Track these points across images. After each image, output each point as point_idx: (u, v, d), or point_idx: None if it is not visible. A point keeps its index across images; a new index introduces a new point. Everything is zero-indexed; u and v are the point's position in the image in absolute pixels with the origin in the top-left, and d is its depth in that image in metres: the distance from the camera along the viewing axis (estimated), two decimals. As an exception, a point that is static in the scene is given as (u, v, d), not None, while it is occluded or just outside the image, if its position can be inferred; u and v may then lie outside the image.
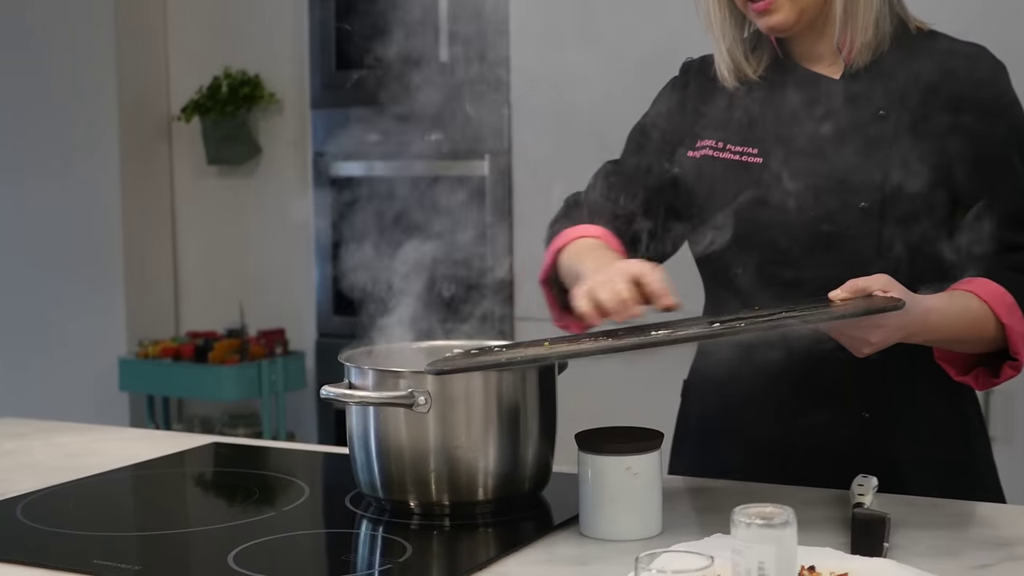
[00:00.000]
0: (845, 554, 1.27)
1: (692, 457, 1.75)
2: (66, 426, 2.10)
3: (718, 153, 1.65)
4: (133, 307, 4.86)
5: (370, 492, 1.53)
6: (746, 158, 1.63)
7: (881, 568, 1.23)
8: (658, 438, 1.43)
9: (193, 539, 1.48)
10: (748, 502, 1.11)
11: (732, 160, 1.64)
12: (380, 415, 1.49)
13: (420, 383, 1.46)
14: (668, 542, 1.36)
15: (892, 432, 1.62)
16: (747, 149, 1.63)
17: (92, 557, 1.35)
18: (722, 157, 1.64)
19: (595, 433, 1.45)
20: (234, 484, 1.75)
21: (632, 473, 1.40)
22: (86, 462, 1.82)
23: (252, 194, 4.90)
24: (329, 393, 1.49)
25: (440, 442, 1.46)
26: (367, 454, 1.51)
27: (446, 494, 1.48)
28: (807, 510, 1.46)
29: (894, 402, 1.62)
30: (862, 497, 1.46)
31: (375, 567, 1.36)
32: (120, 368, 4.68)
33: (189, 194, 5.02)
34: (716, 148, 1.65)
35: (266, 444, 2.00)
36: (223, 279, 4.98)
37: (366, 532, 1.49)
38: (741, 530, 1.06)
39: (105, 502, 1.65)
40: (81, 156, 4.84)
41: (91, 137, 4.81)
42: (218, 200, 4.96)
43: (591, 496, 1.42)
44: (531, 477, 1.52)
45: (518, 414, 1.50)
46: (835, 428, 1.62)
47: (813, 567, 1.22)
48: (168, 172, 5.02)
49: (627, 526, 1.41)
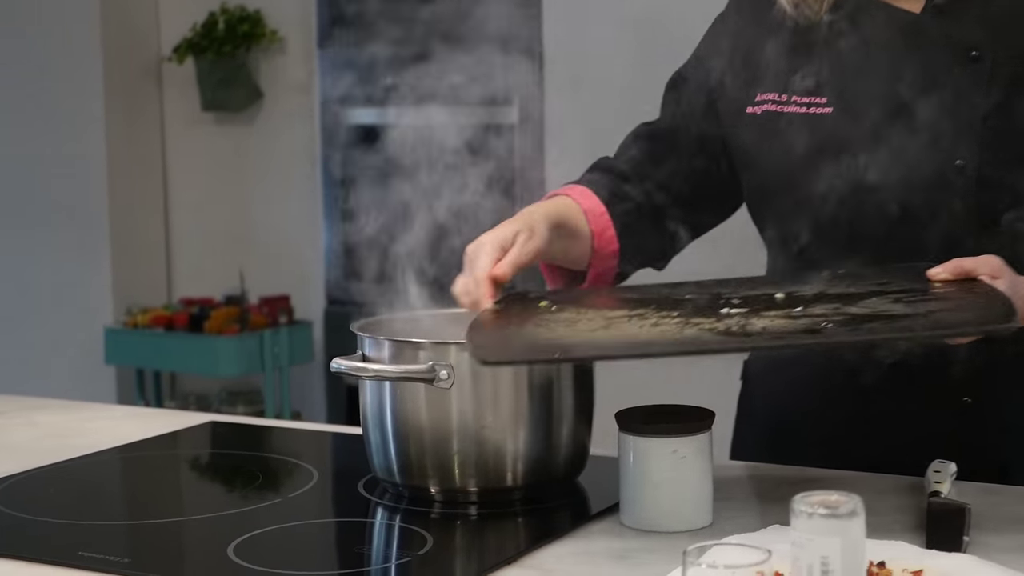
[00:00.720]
0: (919, 549, 1.27)
1: (757, 443, 1.75)
2: (47, 403, 2.11)
3: (781, 107, 1.61)
4: (120, 271, 4.89)
5: (386, 477, 1.54)
6: (814, 109, 1.59)
7: (960, 565, 1.23)
8: (709, 418, 1.43)
9: (188, 529, 1.49)
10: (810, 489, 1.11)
11: (798, 114, 1.60)
12: (397, 391, 1.49)
13: (442, 355, 1.46)
14: (719, 534, 1.36)
15: (998, 420, 1.60)
16: (815, 100, 1.60)
17: (76, 548, 1.37)
18: (787, 111, 1.61)
19: (638, 412, 1.45)
20: (234, 468, 1.76)
21: (679, 456, 1.41)
22: (69, 443, 1.83)
23: (253, 144, 4.91)
24: (340, 367, 1.50)
25: (465, 421, 1.47)
26: (383, 435, 1.52)
27: (471, 480, 1.49)
28: (877, 499, 1.46)
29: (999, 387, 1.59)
30: (939, 485, 1.46)
31: (391, 560, 1.37)
32: (106, 339, 4.72)
33: (182, 144, 5.03)
34: (779, 101, 1.62)
35: (269, 423, 2.01)
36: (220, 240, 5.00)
37: (381, 521, 1.50)
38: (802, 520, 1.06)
39: (90, 487, 1.66)
40: (60, 102, 4.85)
41: (71, 81, 4.82)
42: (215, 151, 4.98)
43: (633, 482, 1.43)
44: (566, 461, 1.53)
45: (552, 390, 1.50)
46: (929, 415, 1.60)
47: (883, 563, 1.22)
48: (158, 120, 5.03)
49: (674, 516, 1.41)
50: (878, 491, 1.51)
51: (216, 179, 4.98)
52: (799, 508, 1.06)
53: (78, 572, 1.31)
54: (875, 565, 1.21)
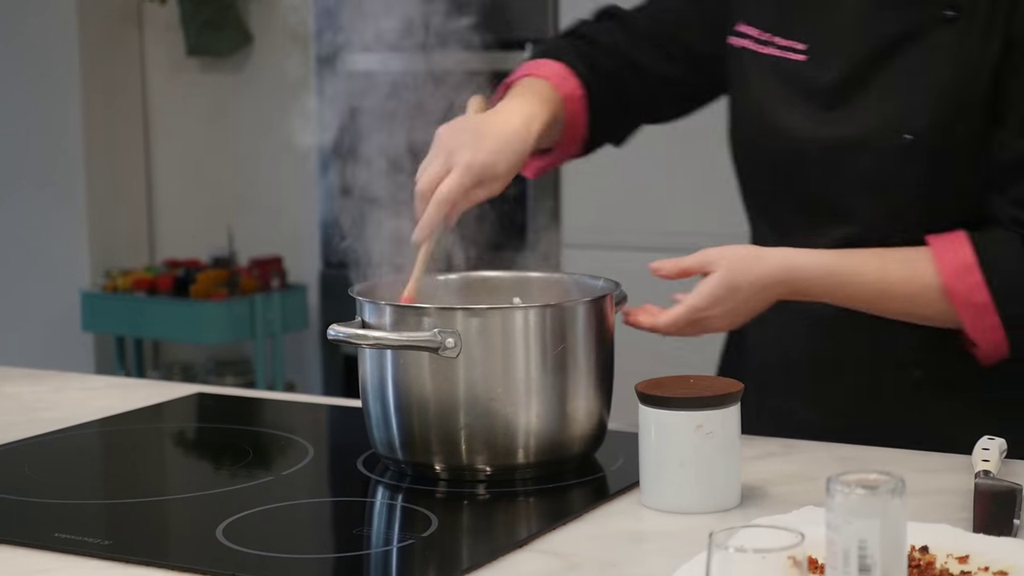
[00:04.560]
0: (966, 532, 1.27)
1: None
2: (19, 372, 2.12)
3: (760, 47, 1.71)
4: (98, 230, 4.89)
5: (387, 453, 1.54)
6: (789, 54, 1.68)
7: (1011, 551, 1.23)
8: (737, 390, 1.44)
9: (174, 508, 1.50)
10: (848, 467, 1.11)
11: (774, 57, 1.69)
12: (400, 361, 1.50)
13: (448, 321, 1.46)
14: (748, 516, 1.37)
15: None
16: (794, 44, 1.68)
17: (52, 530, 1.37)
18: (764, 52, 1.70)
19: (660, 383, 1.45)
20: (222, 443, 1.77)
21: (705, 432, 1.41)
22: (43, 416, 1.84)
23: (241, 92, 4.91)
24: (338, 334, 1.50)
25: (473, 393, 1.47)
26: (383, 408, 1.52)
27: (479, 456, 1.49)
28: (920, 478, 1.46)
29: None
30: (987, 464, 1.46)
31: (393, 543, 1.38)
32: (83, 304, 4.72)
33: (165, 92, 5.03)
34: (759, 41, 1.71)
35: (260, 395, 2.01)
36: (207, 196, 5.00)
37: (382, 501, 1.51)
38: (838, 501, 1.06)
39: (67, 464, 1.67)
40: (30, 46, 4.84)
41: (42, 24, 4.81)
42: (200, 100, 4.97)
43: (655, 460, 1.43)
44: (582, 437, 1.53)
45: (567, 360, 1.50)
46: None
47: (926, 547, 1.22)
48: (139, 65, 5.02)
49: (698, 496, 1.42)
50: (921, 469, 1.51)
51: (202, 130, 4.97)
52: (835, 487, 1.07)
53: (54, 555, 1.32)
54: (917, 550, 1.22)
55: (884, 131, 1.62)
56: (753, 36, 1.72)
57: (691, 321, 1.59)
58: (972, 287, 1.57)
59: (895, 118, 1.61)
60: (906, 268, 1.60)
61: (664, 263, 1.61)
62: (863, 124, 1.63)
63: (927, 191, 1.62)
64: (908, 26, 1.62)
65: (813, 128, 1.66)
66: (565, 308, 1.51)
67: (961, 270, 1.57)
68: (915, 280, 1.59)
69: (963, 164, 1.61)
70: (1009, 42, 1.58)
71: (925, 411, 1.68)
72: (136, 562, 1.29)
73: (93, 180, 4.85)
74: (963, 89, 1.59)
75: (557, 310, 1.50)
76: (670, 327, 1.60)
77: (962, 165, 1.61)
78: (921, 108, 1.60)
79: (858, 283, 1.60)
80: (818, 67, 1.66)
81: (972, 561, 1.21)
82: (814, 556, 1.17)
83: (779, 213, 1.73)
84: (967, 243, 1.59)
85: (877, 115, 1.63)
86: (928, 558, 1.21)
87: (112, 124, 4.91)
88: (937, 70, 1.60)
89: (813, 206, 1.68)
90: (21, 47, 4.85)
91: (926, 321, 1.62)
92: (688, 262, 1.60)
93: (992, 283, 1.57)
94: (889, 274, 1.60)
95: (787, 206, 1.71)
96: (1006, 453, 1.51)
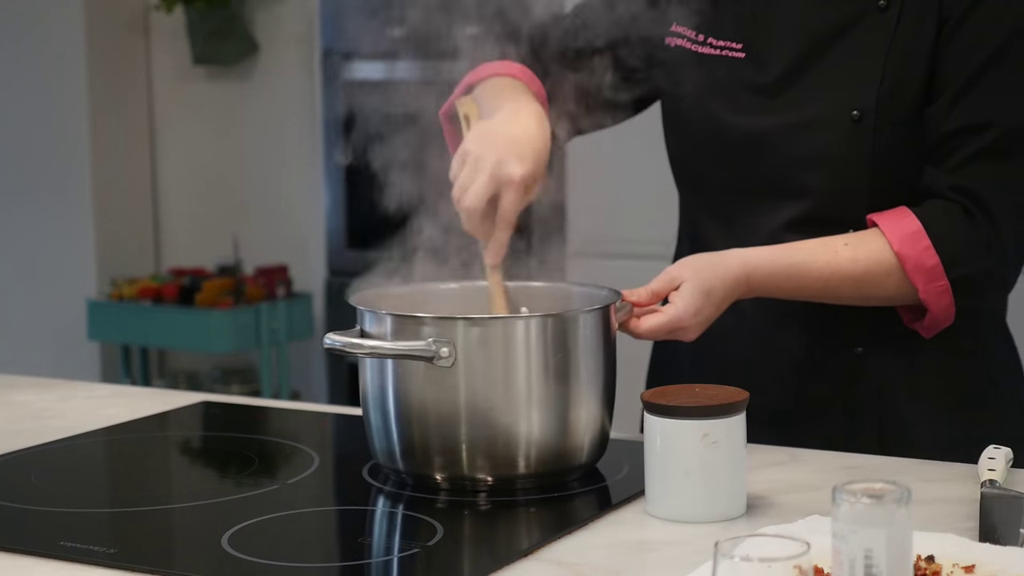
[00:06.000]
0: (972, 542, 1.27)
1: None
2: (26, 381, 2.12)
3: (697, 47, 1.75)
4: (104, 239, 4.90)
5: (387, 463, 1.54)
6: (727, 53, 1.73)
7: (1018, 560, 1.23)
8: (743, 399, 1.43)
9: (179, 517, 1.50)
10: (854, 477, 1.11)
11: (712, 55, 1.74)
12: (399, 370, 1.49)
13: (444, 331, 1.46)
14: (754, 525, 1.37)
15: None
16: (730, 44, 1.73)
17: (58, 538, 1.37)
18: (701, 52, 1.74)
19: (666, 392, 1.45)
20: (228, 452, 1.77)
21: (711, 441, 1.41)
22: (49, 425, 1.84)
23: (247, 101, 4.91)
24: (334, 343, 1.49)
25: (472, 403, 1.47)
26: (384, 417, 1.52)
27: (480, 467, 1.49)
28: (925, 487, 1.46)
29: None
30: (993, 473, 1.46)
31: (394, 552, 1.38)
32: (89, 312, 4.73)
33: (171, 101, 5.03)
34: (695, 41, 1.75)
35: (266, 404, 2.01)
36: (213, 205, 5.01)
37: (387, 510, 1.51)
38: (844, 510, 1.06)
39: (72, 472, 1.67)
40: (38, 55, 4.85)
41: (50, 32, 4.82)
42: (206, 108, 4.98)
43: (660, 469, 1.43)
44: (585, 446, 1.53)
45: (568, 370, 1.50)
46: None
47: (932, 557, 1.22)
48: (145, 74, 5.03)
49: (704, 505, 1.41)
50: (927, 479, 1.51)
51: (208, 139, 4.98)
52: (841, 497, 1.06)
53: (59, 564, 1.32)
54: (923, 559, 1.22)
55: (830, 114, 1.67)
56: (689, 36, 1.76)
57: (670, 331, 1.62)
58: (922, 251, 1.63)
59: (838, 103, 1.66)
60: (854, 249, 1.65)
61: (637, 291, 1.63)
62: (808, 109, 1.68)
63: (873, 166, 1.67)
64: (845, 18, 1.67)
65: (759, 117, 1.71)
66: (567, 318, 1.50)
67: (909, 237, 1.63)
68: (867, 257, 1.64)
69: (907, 140, 1.67)
70: (942, 21, 1.64)
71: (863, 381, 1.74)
72: (141, 570, 1.29)
73: (99, 189, 4.86)
74: (903, 69, 1.65)
75: (558, 320, 1.50)
76: (648, 335, 1.62)
77: (906, 141, 1.67)
78: (863, 91, 1.66)
79: (810, 270, 1.64)
80: (758, 64, 1.71)
81: (978, 570, 1.20)
82: (820, 565, 1.17)
83: (723, 201, 1.76)
84: (910, 213, 1.64)
85: (821, 101, 1.68)
86: (934, 567, 1.21)
87: (118, 132, 4.92)
88: (875, 55, 1.65)
89: (762, 189, 1.72)
90: (28, 56, 4.85)
91: (878, 300, 1.67)
92: (656, 284, 1.63)
93: (938, 246, 1.62)
94: (839, 255, 1.64)
95: (732, 194, 1.75)
96: (1012, 462, 1.51)
